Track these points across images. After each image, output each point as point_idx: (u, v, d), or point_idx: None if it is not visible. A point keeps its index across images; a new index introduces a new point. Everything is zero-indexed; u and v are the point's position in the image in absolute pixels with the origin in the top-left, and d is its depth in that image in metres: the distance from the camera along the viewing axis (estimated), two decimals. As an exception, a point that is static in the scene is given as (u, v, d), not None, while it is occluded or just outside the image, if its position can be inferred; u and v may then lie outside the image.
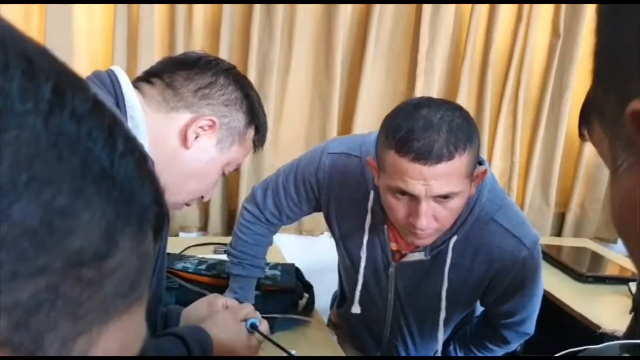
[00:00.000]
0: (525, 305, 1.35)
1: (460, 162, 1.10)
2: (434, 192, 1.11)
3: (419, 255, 1.31)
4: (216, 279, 1.52)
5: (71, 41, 2.04)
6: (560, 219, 2.74)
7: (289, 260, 2.01)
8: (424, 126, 1.09)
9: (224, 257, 1.62)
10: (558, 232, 2.73)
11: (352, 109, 2.39)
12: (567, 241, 2.61)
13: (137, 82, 1.02)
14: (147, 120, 0.95)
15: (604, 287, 2.07)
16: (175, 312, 1.20)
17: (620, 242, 2.25)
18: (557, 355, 1.08)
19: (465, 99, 2.44)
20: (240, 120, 1.04)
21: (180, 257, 1.67)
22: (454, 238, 1.27)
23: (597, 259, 2.33)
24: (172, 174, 1.00)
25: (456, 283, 1.31)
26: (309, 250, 2.29)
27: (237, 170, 1.13)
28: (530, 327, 1.40)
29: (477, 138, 1.15)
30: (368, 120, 2.39)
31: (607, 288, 2.06)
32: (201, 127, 0.99)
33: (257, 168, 2.31)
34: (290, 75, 2.33)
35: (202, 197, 1.09)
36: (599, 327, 1.79)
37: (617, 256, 2.38)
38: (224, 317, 1.06)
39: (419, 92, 2.39)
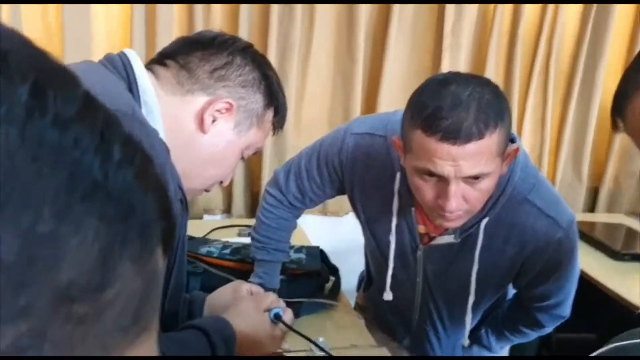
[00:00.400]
0: (560, 287, 1.29)
1: (490, 141, 1.04)
2: (464, 173, 1.05)
3: (448, 238, 1.25)
4: (241, 264, 1.49)
5: (89, 24, 2.01)
6: (593, 194, 2.65)
7: (313, 242, 1.98)
8: (451, 103, 1.02)
9: (248, 240, 1.58)
10: (591, 208, 2.64)
11: (375, 88, 2.32)
12: (601, 217, 2.52)
13: (150, 65, 0.97)
14: (162, 104, 0.91)
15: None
16: (200, 299, 1.17)
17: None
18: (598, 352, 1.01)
19: (493, 74, 2.35)
20: (258, 101, 0.99)
21: (204, 241, 1.64)
22: (485, 219, 1.21)
23: (632, 236, 2.24)
24: (189, 159, 0.95)
25: (487, 266, 1.25)
26: (333, 231, 2.24)
27: (256, 153, 1.09)
28: (566, 310, 1.34)
29: (508, 114, 1.08)
30: (392, 100, 2.32)
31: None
32: (218, 110, 0.95)
33: (279, 150, 2.27)
34: (312, 55, 2.26)
35: (221, 182, 1.05)
36: (638, 308, 1.72)
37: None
38: (247, 306, 1.02)
39: (445, 68, 2.31)
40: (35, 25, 1.99)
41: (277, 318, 1.01)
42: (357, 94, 2.29)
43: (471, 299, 1.28)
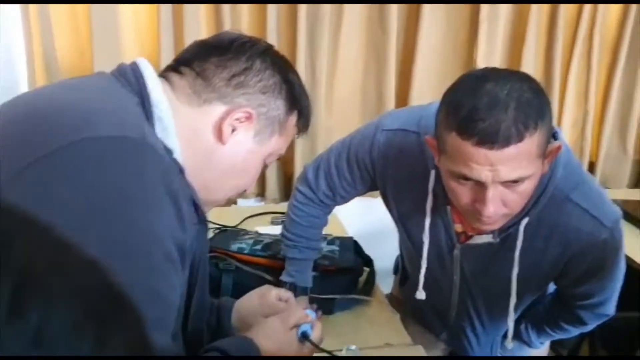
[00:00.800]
0: (605, 286, 1.21)
1: (531, 143, 0.95)
2: (502, 178, 0.97)
3: (486, 238, 1.18)
4: (273, 260, 1.45)
5: (117, 26, 1.96)
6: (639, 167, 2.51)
7: (346, 225, 1.92)
8: (489, 104, 0.94)
9: (280, 228, 1.54)
10: (637, 181, 2.50)
11: (409, 62, 2.21)
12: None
13: (166, 72, 0.91)
14: (178, 116, 0.85)
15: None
16: (228, 306, 1.14)
17: None
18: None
19: (533, 44, 2.21)
20: (279, 107, 0.92)
21: (235, 235, 1.60)
22: (525, 220, 1.13)
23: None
24: (210, 171, 0.90)
25: (528, 267, 1.18)
26: (367, 214, 2.18)
27: (280, 158, 1.03)
28: (611, 309, 1.26)
29: (549, 111, 0.99)
30: (428, 75, 2.22)
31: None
32: (237, 119, 0.88)
33: (311, 130, 2.17)
34: (343, 29, 2.16)
35: (244, 190, 0.99)
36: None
37: None
38: (273, 325, 0.97)
39: (483, 40, 2.18)
40: (63, 29, 1.95)
41: (305, 337, 0.97)
42: (390, 69, 2.19)
43: (512, 301, 1.21)
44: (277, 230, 1.67)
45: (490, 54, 2.22)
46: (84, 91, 0.82)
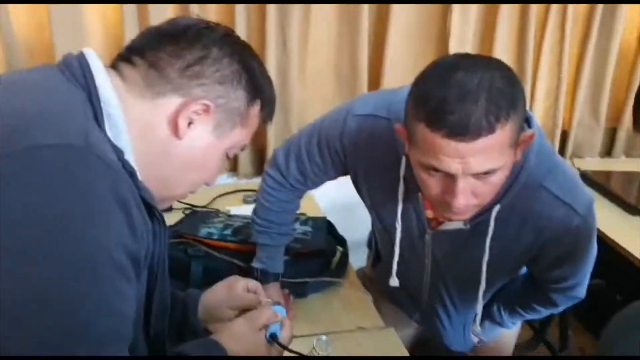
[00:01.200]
0: (577, 271, 1.19)
1: (502, 134, 0.91)
2: (473, 170, 0.93)
3: (457, 225, 1.15)
4: (243, 245, 1.40)
5: (82, 27, 1.84)
6: (611, 135, 2.49)
7: (318, 197, 1.87)
8: (458, 95, 0.89)
9: (252, 208, 1.49)
10: (608, 150, 2.49)
11: (383, 32, 2.13)
12: (619, 164, 2.37)
13: (117, 62, 0.84)
14: (130, 111, 0.78)
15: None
16: (194, 299, 1.09)
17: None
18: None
19: (507, 15, 2.15)
20: (240, 98, 0.85)
21: (204, 218, 1.55)
22: (497, 208, 1.09)
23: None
24: (167, 167, 0.84)
25: (499, 253, 1.15)
26: (342, 186, 2.14)
27: (244, 149, 0.97)
28: (582, 292, 1.24)
29: (522, 99, 0.94)
30: (401, 46, 2.15)
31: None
32: (194, 112, 0.82)
33: (284, 102, 2.11)
34: (315, -1, 2.07)
35: (207, 183, 0.94)
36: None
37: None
38: (240, 327, 0.93)
39: (456, 9, 2.11)
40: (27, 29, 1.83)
41: (273, 338, 0.93)
42: (363, 40, 2.10)
43: (482, 287, 1.19)
44: (249, 209, 1.62)
45: (464, 24, 2.15)
46: (26, 90, 0.75)
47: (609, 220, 1.78)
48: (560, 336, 1.86)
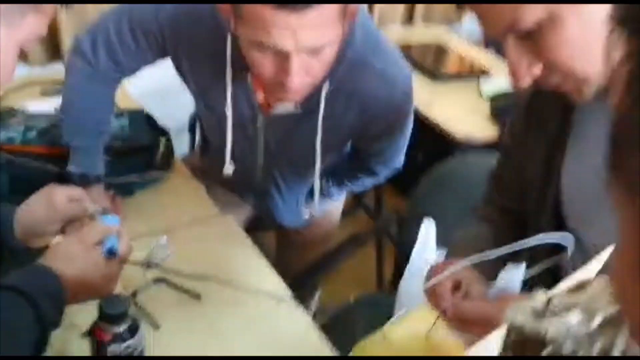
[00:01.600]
0: (396, 143, 1.26)
1: (331, 6, 0.88)
2: (306, 45, 0.90)
3: (289, 108, 1.12)
4: (53, 148, 1.24)
5: None
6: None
7: (130, 88, 1.70)
8: None
9: (54, 102, 1.30)
10: (409, 17, 2.57)
11: None
12: (418, 34, 2.48)
13: None
14: None
15: (454, 84, 2.04)
16: (7, 219, 0.94)
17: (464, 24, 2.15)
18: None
19: None
20: None
21: (-1, 120, 1.32)
22: (326, 86, 1.08)
23: (443, 54, 2.26)
24: None
25: (329, 132, 1.15)
26: (154, 73, 1.96)
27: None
28: (400, 162, 1.32)
29: None
30: None
31: (457, 86, 2.03)
32: None
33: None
34: None
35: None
36: (453, 135, 1.79)
37: (464, 48, 2.33)
38: (71, 247, 0.81)
39: None
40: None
41: (111, 253, 0.84)
42: None
43: (317, 166, 1.20)
44: (51, 103, 1.42)
45: None
46: None
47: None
48: (375, 200, 2.02)
